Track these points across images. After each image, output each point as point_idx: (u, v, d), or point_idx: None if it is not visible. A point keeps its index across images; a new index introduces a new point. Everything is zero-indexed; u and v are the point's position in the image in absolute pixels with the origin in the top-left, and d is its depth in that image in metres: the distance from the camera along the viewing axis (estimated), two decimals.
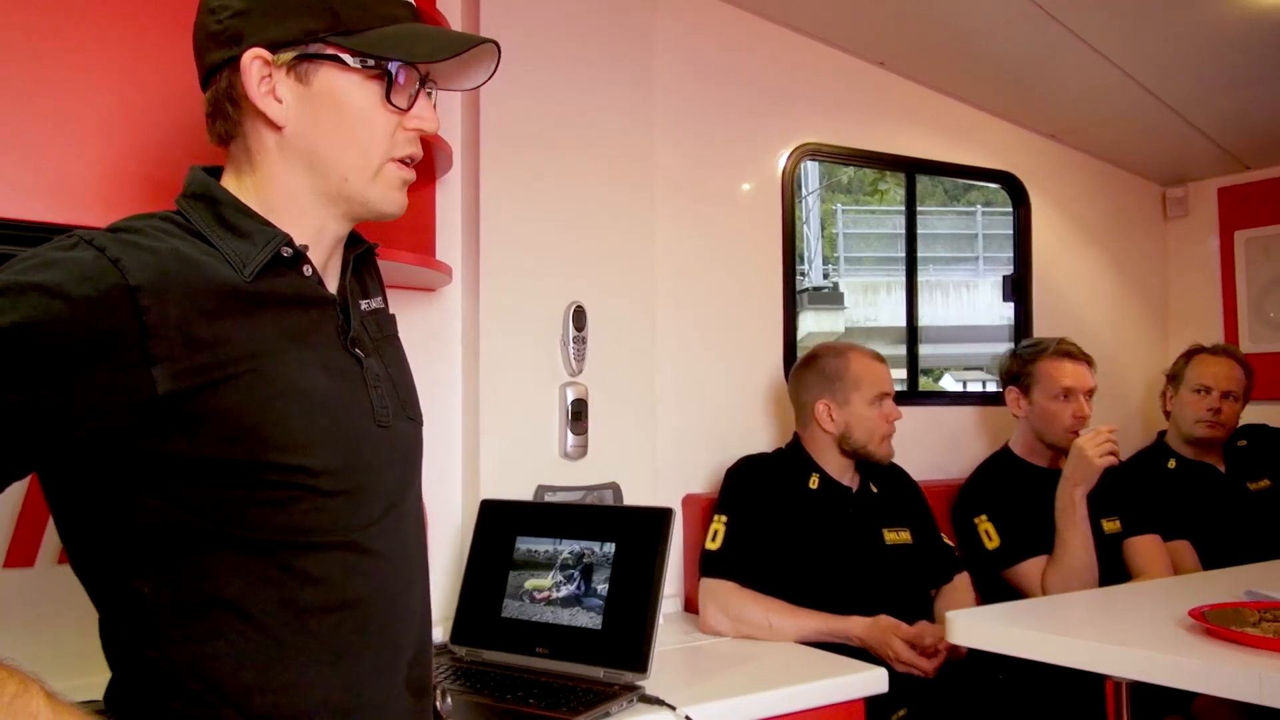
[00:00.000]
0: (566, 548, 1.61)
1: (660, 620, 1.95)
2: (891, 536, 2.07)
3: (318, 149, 0.91)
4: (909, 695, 1.79)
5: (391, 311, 1.10)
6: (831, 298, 11.28)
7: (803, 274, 12.08)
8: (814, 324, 11.15)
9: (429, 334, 1.93)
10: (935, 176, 2.87)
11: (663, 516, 1.55)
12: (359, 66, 0.90)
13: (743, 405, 2.37)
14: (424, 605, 1.02)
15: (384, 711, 0.93)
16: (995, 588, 2.21)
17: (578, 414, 1.95)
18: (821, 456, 2.09)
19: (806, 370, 2.10)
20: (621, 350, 2.04)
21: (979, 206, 11.52)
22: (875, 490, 2.13)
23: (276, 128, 0.90)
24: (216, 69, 0.90)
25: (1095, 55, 2.47)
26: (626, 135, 2.06)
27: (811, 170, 11.67)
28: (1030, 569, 2.16)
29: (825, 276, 11.92)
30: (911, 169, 2.75)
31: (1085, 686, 1.48)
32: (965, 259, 11.78)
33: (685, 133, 2.30)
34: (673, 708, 1.39)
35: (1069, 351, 2.35)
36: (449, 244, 1.96)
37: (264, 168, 0.92)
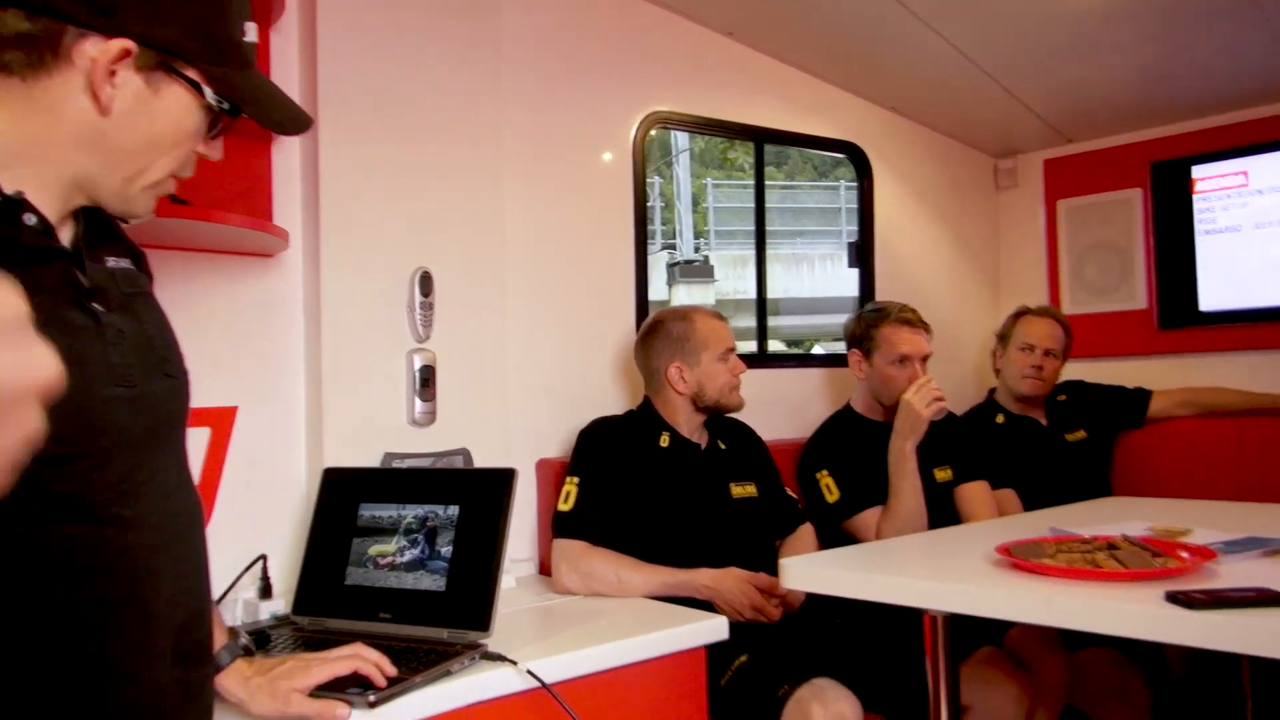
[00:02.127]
0: (410, 512, 1.61)
1: (503, 579, 2.00)
2: (738, 490, 2.15)
3: (120, 146, 0.89)
4: (750, 642, 1.86)
5: (147, 273, 1.04)
6: (703, 271, 11.47)
7: (675, 248, 12.25)
8: (686, 296, 11.30)
9: (268, 300, 1.88)
10: (789, 148, 2.95)
11: (505, 476, 1.57)
12: (212, 102, 0.92)
13: (596, 370, 2.41)
14: (196, 570, 0.99)
15: (142, 682, 0.89)
16: (836, 539, 2.32)
17: (426, 381, 1.94)
18: (673, 417, 2.14)
19: (653, 337, 2.15)
20: (471, 316, 2.03)
21: (843, 182, 11.90)
22: (724, 447, 2.20)
23: (95, 105, 0.86)
24: (64, 17, 0.84)
25: (930, 32, 2.59)
26: (473, 99, 2.04)
27: (683, 143, 11.80)
28: (867, 519, 2.28)
29: (696, 250, 12.11)
30: (760, 138, 2.82)
31: (911, 624, 1.58)
32: (830, 232, 12.16)
33: (535, 98, 2.30)
34: (514, 663, 1.41)
35: (908, 319, 2.46)
36: (287, 208, 1.91)
37: (45, 125, 0.86)
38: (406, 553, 1.58)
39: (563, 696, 1.45)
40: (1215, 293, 3.08)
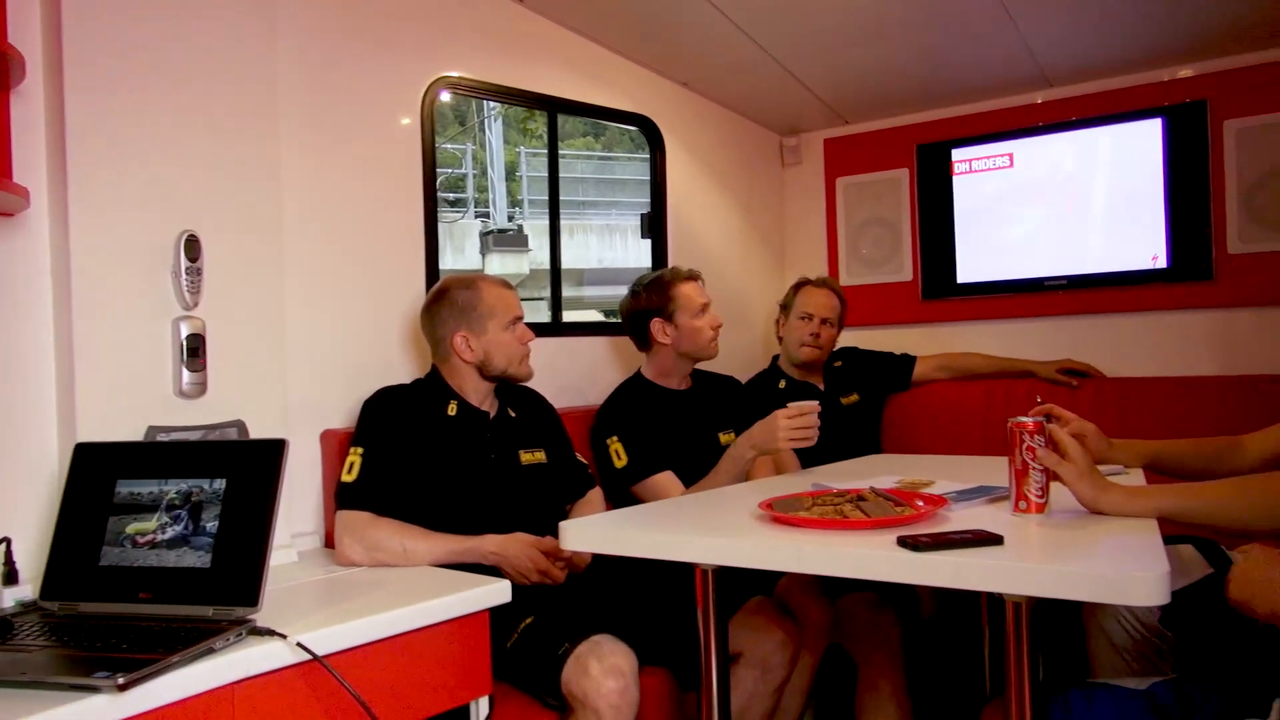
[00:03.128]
0: (173, 487, 1.54)
1: (282, 553, 1.95)
2: (527, 457, 2.18)
3: None
4: (536, 604, 1.91)
5: None
6: (516, 240, 11.39)
7: (488, 217, 12.09)
8: (499, 266, 11.21)
9: (10, 263, 1.72)
10: (579, 117, 2.98)
11: (275, 448, 1.52)
12: None
13: (385, 339, 2.36)
14: None
15: None
16: (627, 503, 2.40)
17: (194, 350, 1.84)
18: (460, 385, 2.14)
19: (439, 305, 2.13)
20: (244, 283, 1.94)
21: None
22: (513, 415, 2.22)
23: None
24: None
25: (715, 11, 2.67)
26: (242, 56, 1.93)
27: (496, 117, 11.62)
28: (656, 483, 2.36)
29: (511, 219, 12.01)
30: (553, 108, 2.84)
31: (688, 579, 1.66)
32: (643, 204, 12.34)
33: (315, 59, 2.22)
34: (284, 636, 1.39)
35: (692, 274, 2.58)
36: (29, 163, 1.75)
37: None
38: (169, 530, 1.51)
39: (340, 668, 1.44)
40: (971, 267, 3.38)
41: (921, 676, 2.36)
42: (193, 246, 1.84)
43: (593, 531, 1.66)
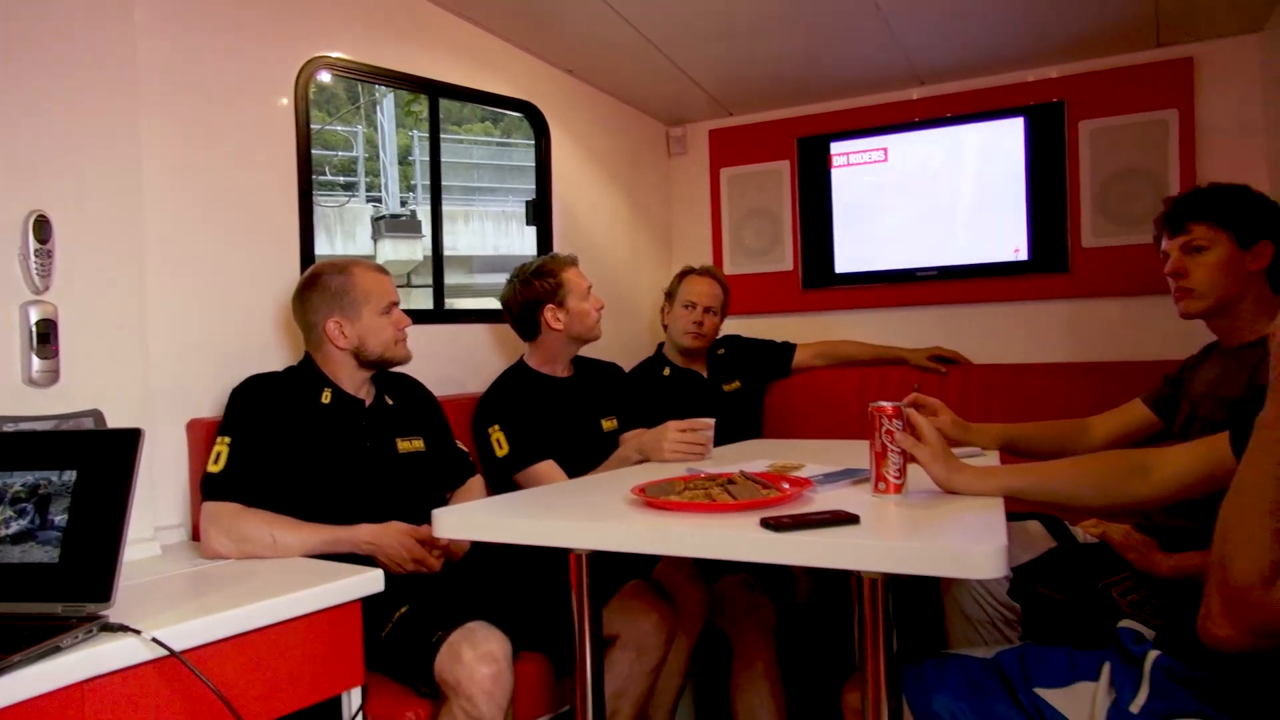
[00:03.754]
0: (18, 480, 1.47)
1: (145, 546, 1.89)
2: (405, 445, 2.15)
3: None
4: (412, 593, 1.89)
5: None
6: (409, 225, 11.17)
7: (380, 202, 11.81)
8: (392, 252, 10.96)
9: None
10: (462, 102, 2.95)
11: (130, 437, 1.47)
12: None
13: (257, 325, 2.30)
14: None
15: None
16: (509, 492, 2.39)
17: (44, 336, 1.76)
18: (335, 372, 2.10)
19: (311, 291, 2.08)
20: (101, 266, 1.86)
21: None
22: (391, 402, 2.19)
23: None
24: None
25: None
26: (97, 28, 1.85)
27: (389, 99, 11.33)
28: (537, 472, 2.35)
29: (404, 204, 11.76)
30: (434, 92, 2.80)
31: (564, 564, 1.68)
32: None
33: (181, 37, 2.13)
34: (138, 632, 1.34)
35: (572, 258, 2.60)
36: None
37: None
38: (13, 524, 1.44)
39: (201, 663, 1.41)
40: (848, 257, 3.49)
41: (795, 655, 2.44)
42: (42, 227, 1.75)
43: (465, 518, 1.66)
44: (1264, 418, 1.16)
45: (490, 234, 11.83)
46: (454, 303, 7.27)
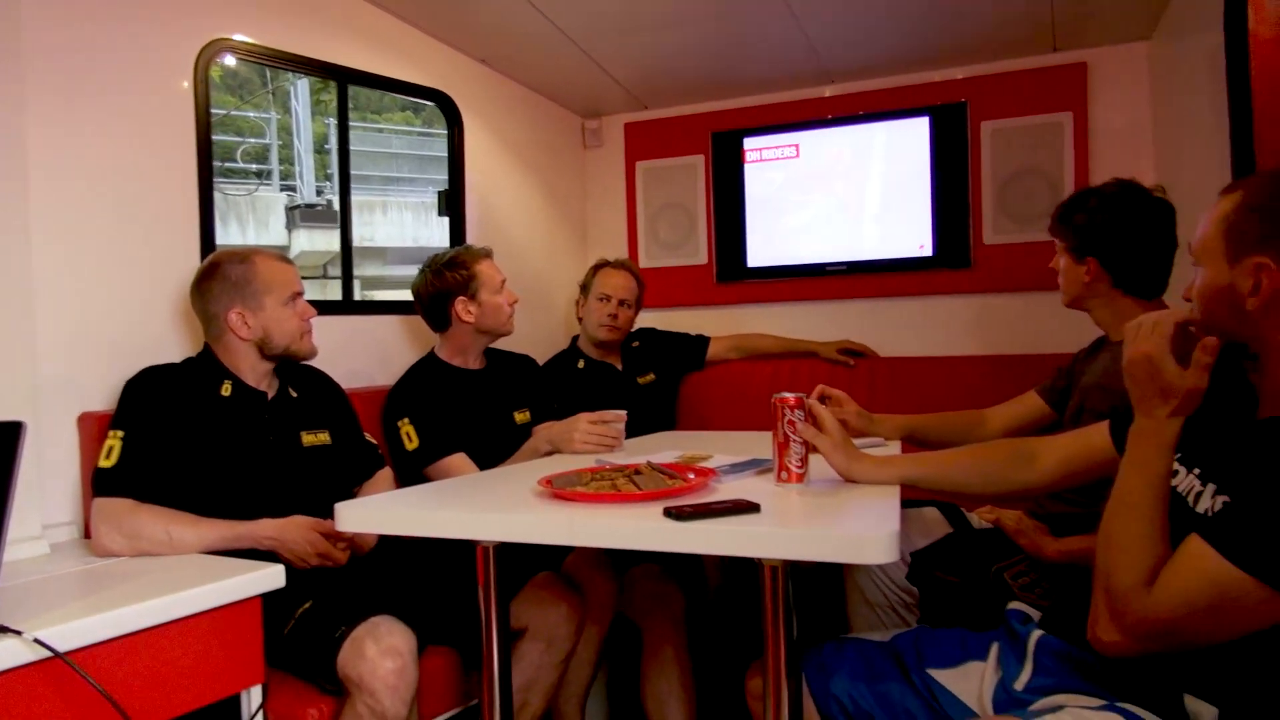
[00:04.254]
0: None
1: (31, 545, 1.82)
2: (310, 439, 2.11)
3: None
4: (316, 588, 1.86)
5: None
6: (325, 215, 10.92)
7: (295, 190, 11.51)
8: (307, 243, 10.70)
9: None
10: (372, 89, 2.89)
11: (11, 431, 1.41)
12: None
13: (154, 316, 2.22)
14: None
15: None
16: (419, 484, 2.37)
17: None
18: (236, 364, 2.05)
19: (211, 281, 2.02)
20: None
21: None
22: (295, 395, 2.14)
23: None
24: None
25: None
26: None
27: (303, 85, 11.06)
28: (448, 465, 2.33)
29: (320, 194, 11.49)
30: (343, 79, 2.74)
31: (472, 557, 1.67)
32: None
33: (70, 19, 2.04)
34: (18, 633, 1.29)
35: (486, 251, 2.57)
36: None
37: None
38: None
39: (90, 664, 1.37)
40: (760, 252, 3.54)
41: (704, 642, 2.47)
42: None
43: (369, 511, 1.64)
44: (1135, 429, 1.23)
45: (409, 225, 11.64)
46: (371, 294, 7.13)
